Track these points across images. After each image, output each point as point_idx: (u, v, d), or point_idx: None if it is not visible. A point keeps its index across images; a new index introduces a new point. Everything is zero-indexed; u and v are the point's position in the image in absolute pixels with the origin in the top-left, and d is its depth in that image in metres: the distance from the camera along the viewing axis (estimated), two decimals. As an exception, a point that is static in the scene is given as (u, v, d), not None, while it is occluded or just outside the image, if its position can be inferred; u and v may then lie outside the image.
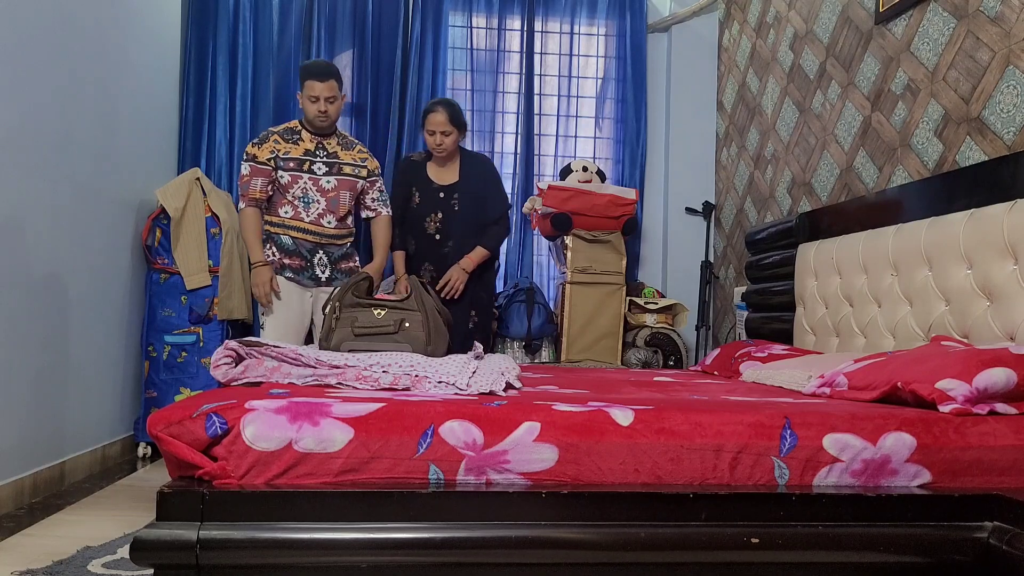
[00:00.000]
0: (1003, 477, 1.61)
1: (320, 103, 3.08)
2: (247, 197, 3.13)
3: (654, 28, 4.62)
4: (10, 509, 2.62)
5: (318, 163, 3.15)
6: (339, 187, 3.17)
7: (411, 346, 2.39)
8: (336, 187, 3.16)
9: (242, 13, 4.21)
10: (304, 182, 3.13)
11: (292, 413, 1.50)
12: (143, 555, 1.38)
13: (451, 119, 3.28)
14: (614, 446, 1.55)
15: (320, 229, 3.15)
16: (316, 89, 3.07)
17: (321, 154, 3.17)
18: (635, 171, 4.53)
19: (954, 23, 2.58)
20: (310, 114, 3.12)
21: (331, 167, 3.17)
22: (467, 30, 4.48)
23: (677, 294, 4.44)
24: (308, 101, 3.10)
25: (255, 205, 3.14)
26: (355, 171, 3.22)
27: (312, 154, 3.16)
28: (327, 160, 3.17)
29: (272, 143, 3.13)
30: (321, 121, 3.12)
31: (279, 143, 3.14)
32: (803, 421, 1.61)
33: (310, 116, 3.13)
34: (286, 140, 3.15)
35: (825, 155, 3.41)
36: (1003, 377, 1.72)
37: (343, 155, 3.22)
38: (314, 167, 3.15)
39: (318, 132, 3.18)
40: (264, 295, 3.10)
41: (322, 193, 3.15)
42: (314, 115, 3.10)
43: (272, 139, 3.15)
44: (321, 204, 3.15)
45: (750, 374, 2.71)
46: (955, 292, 2.32)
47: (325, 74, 3.08)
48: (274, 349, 1.96)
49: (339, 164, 3.19)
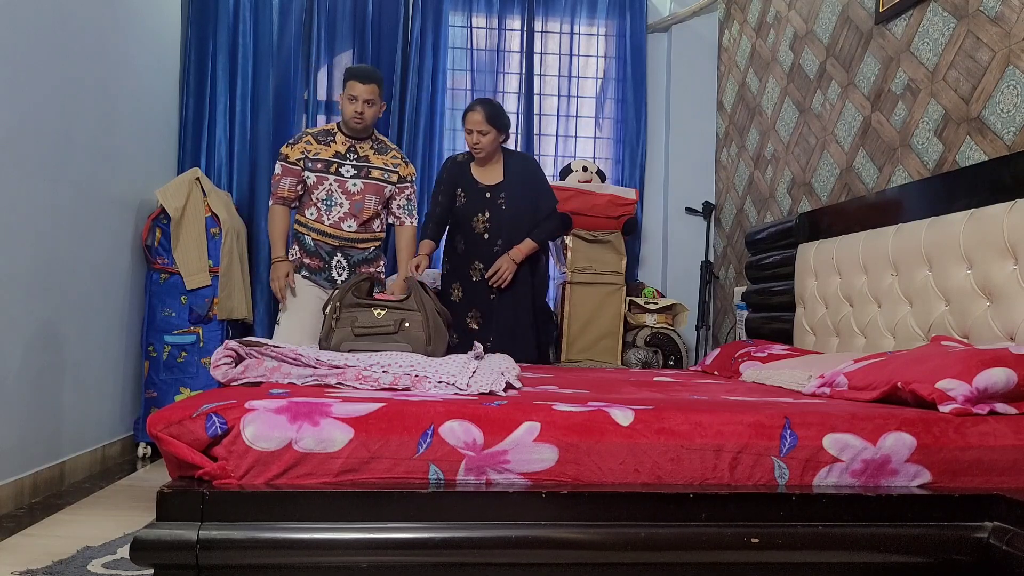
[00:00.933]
0: (1003, 477, 1.60)
1: (358, 104, 3.10)
2: (275, 195, 3.21)
3: (654, 28, 4.62)
4: (10, 509, 2.62)
5: (347, 165, 3.17)
6: (365, 191, 3.17)
7: (411, 346, 2.39)
8: (362, 190, 3.17)
9: (242, 13, 4.21)
10: (330, 184, 3.15)
11: (292, 413, 1.50)
12: (143, 555, 1.38)
13: (488, 118, 3.26)
14: (614, 446, 1.55)
15: (340, 232, 3.16)
16: (356, 89, 3.09)
17: (352, 157, 3.19)
18: (635, 171, 4.53)
19: (954, 23, 2.58)
20: (347, 114, 3.15)
21: (359, 170, 3.18)
22: (467, 30, 4.48)
23: (677, 294, 4.44)
24: (347, 101, 3.12)
25: (283, 204, 3.22)
26: (384, 175, 3.21)
27: (342, 156, 3.18)
28: (356, 163, 3.18)
29: (304, 143, 3.18)
30: (356, 123, 3.14)
31: (311, 144, 3.18)
32: (803, 421, 1.61)
33: (346, 116, 3.15)
34: (319, 141, 3.19)
35: (825, 155, 3.41)
36: (1003, 377, 1.72)
37: (374, 159, 3.22)
38: (342, 169, 3.16)
39: (353, 135, 3.20)
40: (280, 289, 3.17)
41: (347, 196, 3.16)
42: (350, 115, 3.13)
43: (305, 139, 3.20)
44: (344, 207, 3.16)
45: (750, 374, 2.71)
46: (955, 292, 2.32)
47: (368, 77, 3.11)
48: (274, 349, 1.96)
49: (368, 168, 3.19)
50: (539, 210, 3.40)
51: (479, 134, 3.28)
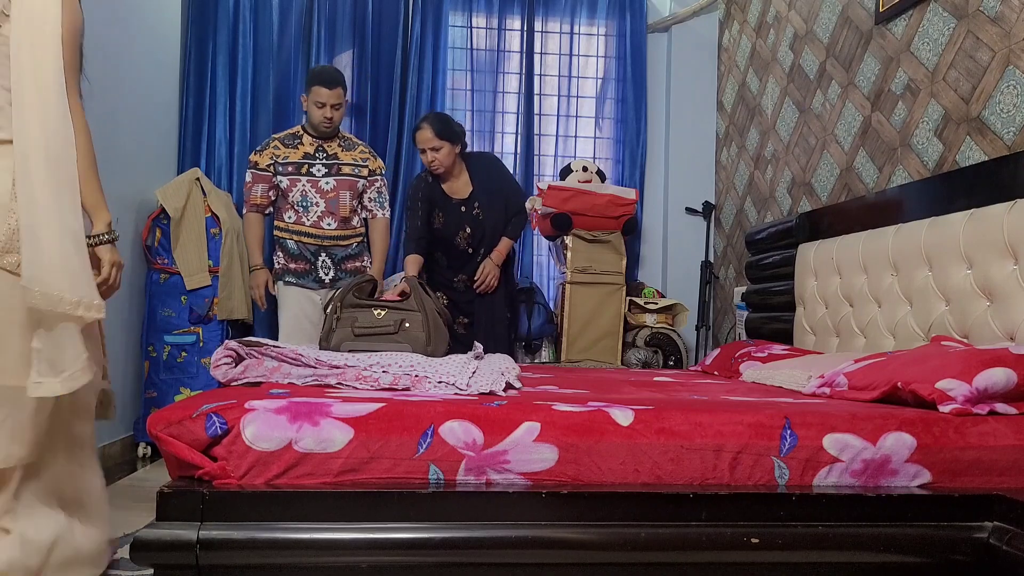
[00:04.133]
0: (1003, 477, 1.60)
1: (326, 109, 3.15)
2: (249, 203, 3.25)
3: (654, 28, 4.62)
4: (10, 509, 2.62)
5: (317, 165, 3.20)
6: (338, 187, 3.20)
7: (411, 346, 2.39)
8: (335, 187, 3.20)
9: (242, 13, 4.21)
10: (303, 185, 3.18)
11: (292, 413, 1.50)
12: (143, 555, 1.38)
13: (438, 134, 3.15)
14: (614, 446, 1.55)
15: (320, 232, 3.20)
16: (323, 96, 3.13)
17: (320, 156, 3.22)
18: (635, 171, 4.53)
19: (954, 23, 2.58)
20: (315, 119, 3.18)
21: (330, 168, 3.21)
22: (467, 30, 4.48)
23: (677, 294, 4.44)
24: (314, 107, 3.16)
25: (256, 211, 3.26)
26: (355, 170, 3.25)
27: (311, 157, 3.21)
28: (326, 162, 3.21)
29: (272, 149, 3.21)
30: (326, 127, 3.20)
31: (279, 148, 3.21)
32: (803, 421, 1.61)
33: (315, 121, 3.19)
34: (286, 145, 3.22)
35: (825, 155, 3.41)
36: (1003, 377, 1.72)
37: (343, 156, 3.26)
38: (313, 169, 3.20)
39: (320, 135, 3.24)
40: (259, 297, 3.27)
41: (321, 195, 3.18)
42: (319, 121, 3.18)
43: (272, 145, 3.23)
44: (320, 207, 3.19)
45: (750, 374, 2.71)
46: (955, 292, 2.32)
47: (333, 82, 3.15)
48: (274, 349, 1.96)
49: (338, 164, 3.22)
50: (510, 207, 3.39)
51: (432, 151, 3.16)
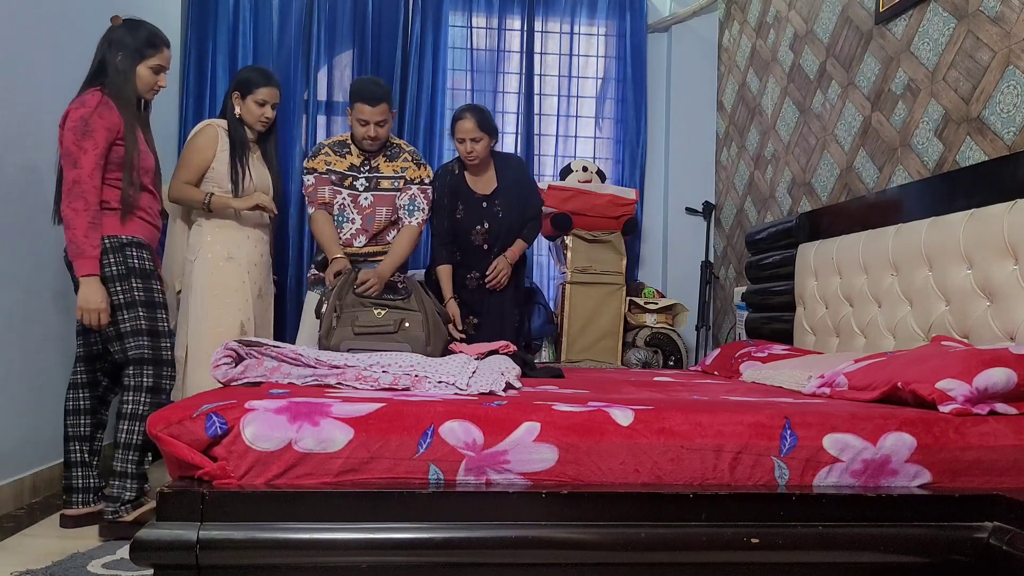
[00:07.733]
0: (1003, 477, 1.61)
1: (370, 128, 2.98)
2: (314, 202, 3.10)
3: (654, 28, 4.62)
4: (10, 509, 2.62)
5: (360, 179, 3.10)
6: (375, 203, 3.11)
7: (411, 346, 2.40)
8: (373, 203, 3.11)
9: (242, 13, 4.21)
10: (343, 198, 3.10)
11: (292, 413, 1.50)
12: (143, 555, 1.38)
13: (480, 125, 3.17)
14: (614, 446, 1.55)
15: (352, 249, 3.09)
16: (366, 113, 2.96)
17: (364, 169, 3.11)
18: (635, 171, 4.53)
19: (954, 23, 2.58)
20: (358, 135, 3.03)
21: (371, 182, 3.11)
22: (467, 30, 4.48)
23: (677, 294, 4.44)
24: (357, 124, 3.00)
25: (324, 208, 3.10)
26: (393, 184, 3.12)
27: (356, 169, 3.11)
28: (368, 175, 3.11)
29: (323, 156, 3.11)
30: (370, 145, 3.05)
31: (329, 155, 3.11)
32: (803, 421, 1.61)
33: (359, 137, 3.04)
34: (335, 153, 3.12)
35: (825, 155, 3.41)
36: (1003, 377, 1.72)
37: (384, 167, 3.13)
38: (356, 183, 3.10)
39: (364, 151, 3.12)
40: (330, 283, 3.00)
41: (359, 211, 3.11)
42: (362, 137, 3.02)
43: (323, 152, 3.13)
44: (356, 224, 3.10)
45: (750, 374, 2.71)
46: (955, 292, 2.32)
47: (375, 98, 2.96)
48: (274, 349, 1.96)
49: (377, 179, 3.12)
50: (527, 210, 3.38)
51: (472, 142, 3.18)
